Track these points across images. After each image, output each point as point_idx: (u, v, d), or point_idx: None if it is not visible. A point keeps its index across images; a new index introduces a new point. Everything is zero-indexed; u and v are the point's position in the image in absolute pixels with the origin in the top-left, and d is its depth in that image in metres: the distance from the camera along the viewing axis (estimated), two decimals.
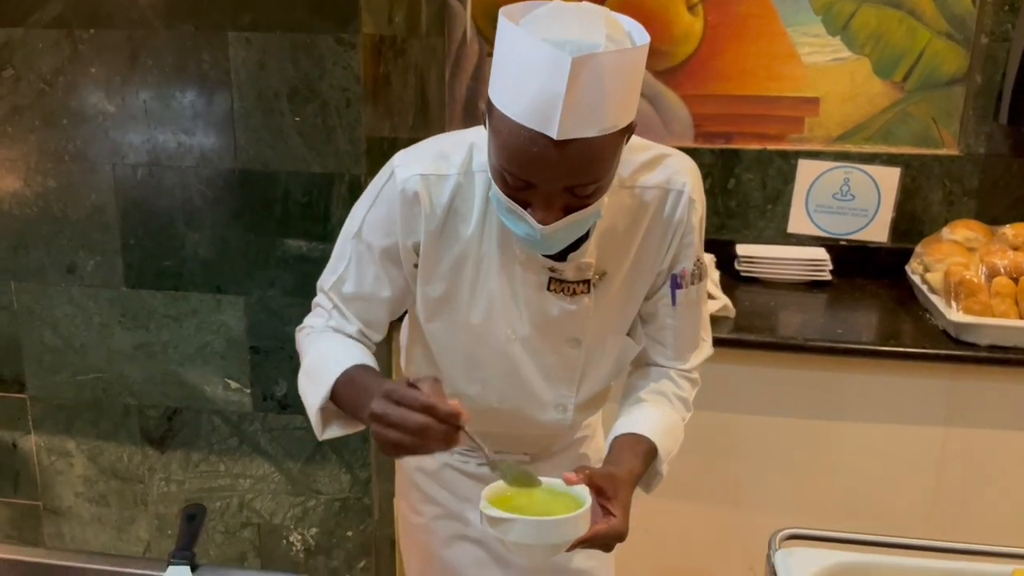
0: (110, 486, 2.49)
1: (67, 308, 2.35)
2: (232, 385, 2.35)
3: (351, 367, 1.19)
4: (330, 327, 1.29)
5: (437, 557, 1.45)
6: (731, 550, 2.40)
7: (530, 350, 1.27)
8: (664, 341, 1.35)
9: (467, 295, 1.24)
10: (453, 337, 1.29)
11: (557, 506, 1.05)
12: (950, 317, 2.18)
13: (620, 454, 1.22)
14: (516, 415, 1.36)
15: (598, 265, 1.22)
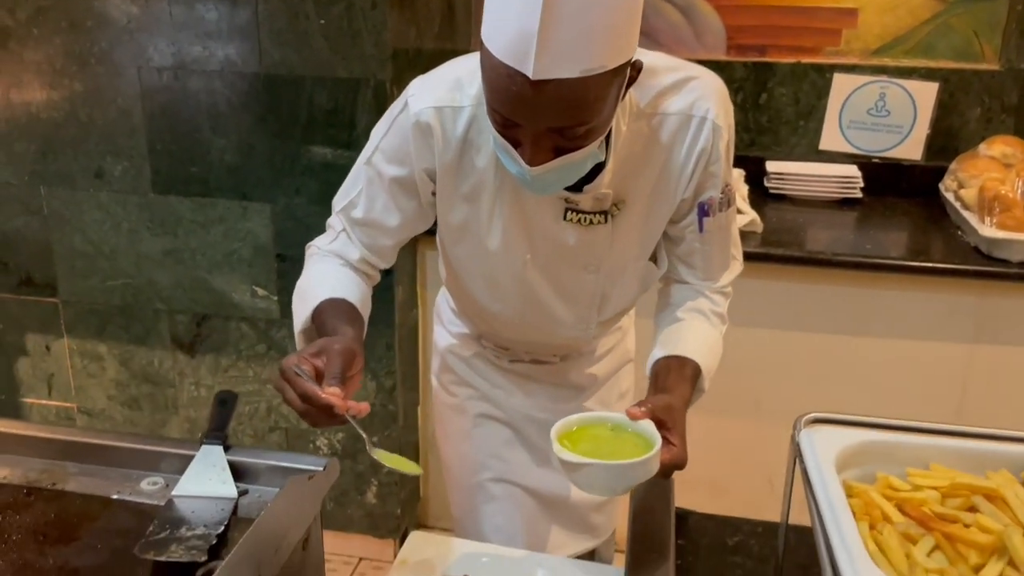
0: (141, 390, 2.55)
1: (96, 213, 2.37)
2: (259, 292, 2.37)
3: (327, 300, 1.20)
4: (333, 250, 1.29)
5: (469, 436, 1.49)
6: (750, 463, 2.42)
7: (547, 276, 1.27)
8: (694, 264, 1.33)
9: (484, 223, 1.23)
10: (473, 261, 1.29)
11: (623, 443, 1.05)
12: (982, 233, 2.15)
13: (668, 379, 1.21)
14: (539, 330, 1.37)
15: (616, 195, 1.19)
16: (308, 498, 1.15)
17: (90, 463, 1.24)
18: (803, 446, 0.90)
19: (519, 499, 1.47)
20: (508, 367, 1.47)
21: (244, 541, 0.98)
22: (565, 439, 1.03)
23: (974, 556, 0.76)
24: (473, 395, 1.51)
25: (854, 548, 0.74)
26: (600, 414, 1.10)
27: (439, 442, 1.60)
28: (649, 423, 1.05)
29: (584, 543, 1.49)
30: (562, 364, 1.46)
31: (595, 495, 1.04)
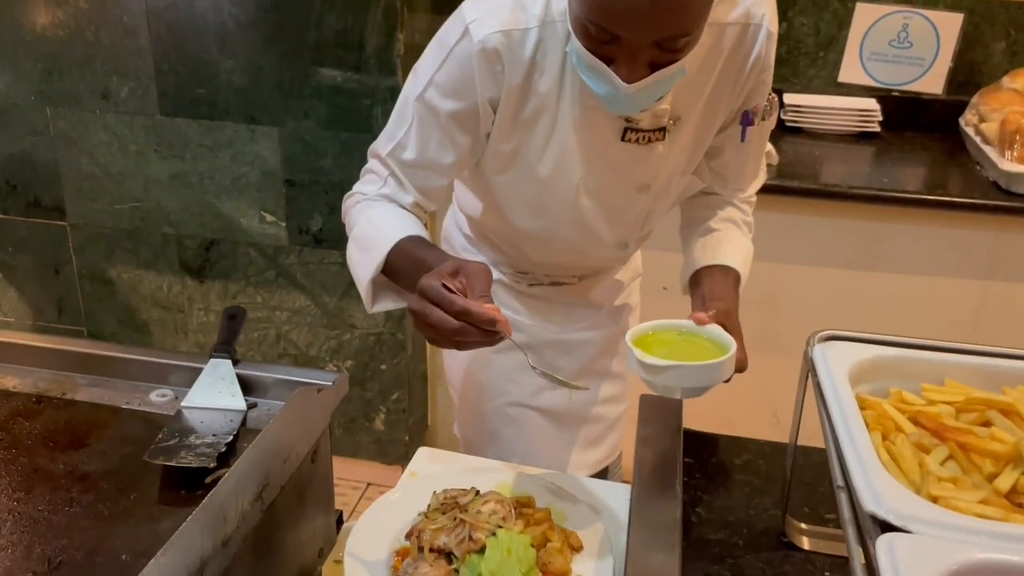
0: (151, 315, 2.55)
1: (103, 135, 2.35)
2: (268, 218, 2.36)
3: (405, 238, 1.14)
4: (384, 195, 1.22)
5: (487, 362, 1.48)
6: (757, 398, 2.43)
7: (598, 199, 1.24)
8: (727, 175, 1.32)
9: (538, 148, 1.19)
10: (519, 189, 1.25)
11: (697, 348, 1.06)
12: (1002, 167, 2.11)
13: (717, 287, 1.22)
14: (577, 252, 1.36)
15: (673, 109, 1.17)
16: (317, 410, 1.15)
17: (99, 375, 1.24)
18: (816, 360, 0.89)
19: (536, 422, 1.47)
20: (526, 291, 1.46)
21: (252, 448, 0.98)
22: (639, 345, 1.04)
23: (989, 465, 0.75)
24: None
25: (867, 457, 0.74)
26: (667, 321, 1.10)
27: (450, 369, 1.58)
28: (717, 327, 1.07)
29: (596, 463, 1.51)
30: (580, 284, 1.46)
31: (673, 397, 1.05)
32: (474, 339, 0.96)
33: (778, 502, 1.10)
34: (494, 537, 1.00)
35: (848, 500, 0.73)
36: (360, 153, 2.25)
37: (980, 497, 0.71)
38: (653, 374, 1.01)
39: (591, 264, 1.43)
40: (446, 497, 1.11)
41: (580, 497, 1.13)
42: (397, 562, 1.04)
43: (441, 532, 1.03)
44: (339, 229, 2.41)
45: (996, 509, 0.70)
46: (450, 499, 1.10)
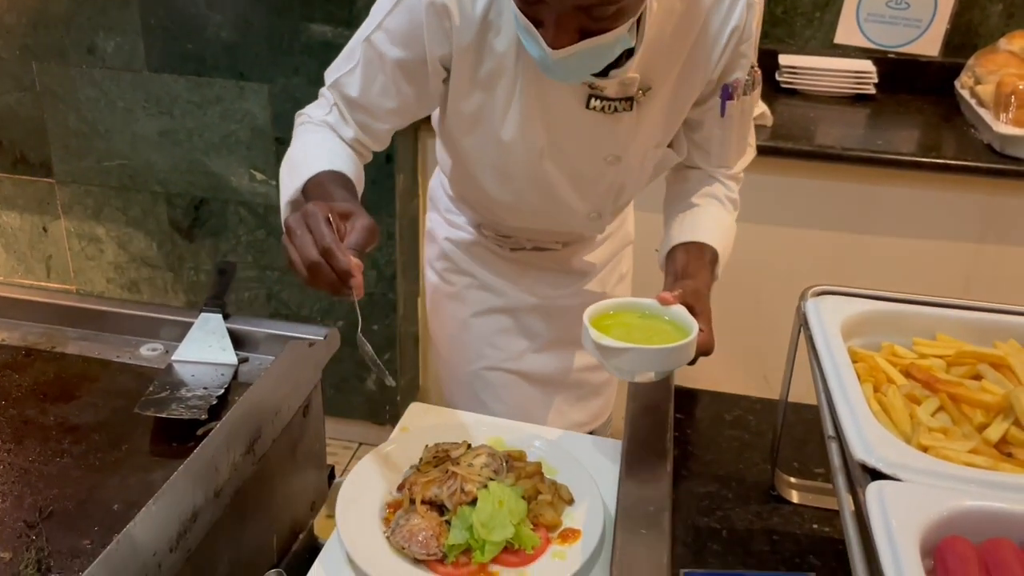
0: (141, 273, 2.54)
1: (90, 91, 2.31)
2: (258, 176, 2.34)
3: (325, 171, 1.13)
4: (327, 122, 1.20)
5: (466, 325, 1.47)
6: (748, 360, 2.43)
7: (564, 167, 1.22)
8: (710, 149, 1.29)
9: (499, 111, 1.16)
10: (483, 152, 1.23)
11: (655, 329, 1.04)
12: (996, 130, 2.10)
13: (690, 265, 1.19)
14: (550, 220, 1.34)
15: (643, 79, 1.13)
16: (308, 364, 1.15)
17: (89, 328, 1.24)
18: (809, 314, 0.89)
19: (516, 386, 1.46)
20: (509, 255, 1.44)
21: (243, 400, 0.98)
22: (596, 325, 1.01)
23: (979, 416, 0.76)
24: (472, 284, 1.47)
25: (858, 408, 0.74)
26: (630, 300, 1.08)
27: (434, 331, 1.57)
28: (681, 308, 1.04)
29: (578, 426, 1.50)
30: (564, 250, 1.44)
31: (629, 380, 1.04)
32: (323, 281, 0.94)
33: (767, 457, 1.11)
34: (485, 489, 1.01)
35: (839, 450, 0.73)
36: None
37: (969, 447, 0.72)
38: (608, 356, 0.99)
39: (568, 232, 1.41)
40: (438, 450, 1.11)
41: (571, 451, 1.13)
42: (389, 514, 1.04)
43: (433, 484, 1.04)
44: None
45: (985, 458, 0.70)
46: (442, 452, 1.10)
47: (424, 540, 0.98)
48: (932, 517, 0.63)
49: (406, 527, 0.99)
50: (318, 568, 0.98)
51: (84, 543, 0.85)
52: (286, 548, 1.11)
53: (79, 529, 0.87)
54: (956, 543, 0.63)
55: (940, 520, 0.63)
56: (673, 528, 0.95)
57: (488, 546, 0.96)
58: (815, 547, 0.97)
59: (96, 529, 0.86)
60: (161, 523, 0.81)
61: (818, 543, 0.98)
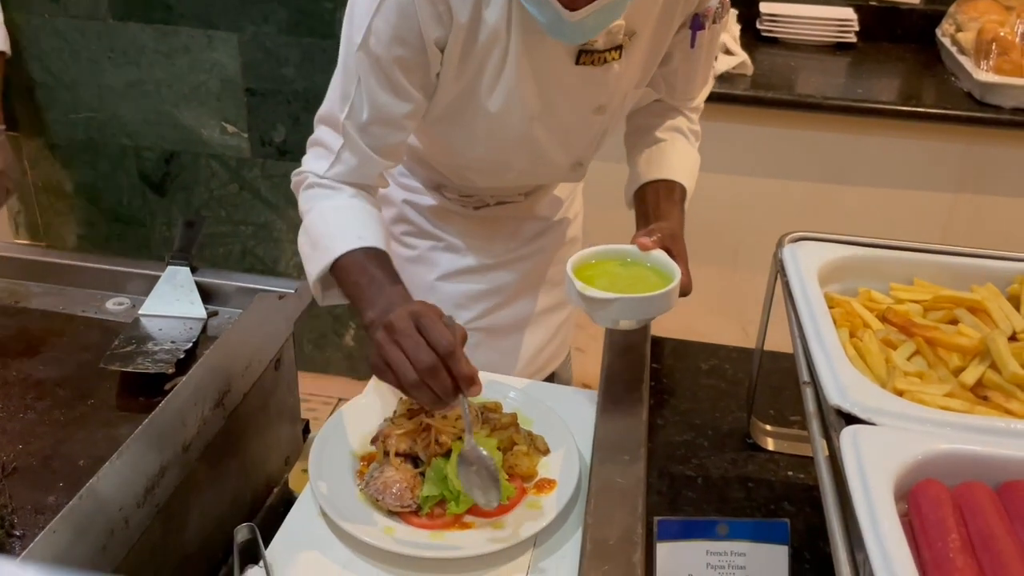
0: (112, 229, 2.49)
1: (53, 41, 2.24)
2: (229, 129, 2.29)
3: (358, 249, 1.06)
4: (337, 177, 1.12)
5: (432, 288, 1.44)
6: (726, 312, 2.44)
7: (552, 127, 1.18)
8: (675, 83, 1.26)
9: (488, 83, 1.11)
10: (469, 126, 1.17)
11: (640, 278, 1.03)
12: (977, 77, 2.08)
13: (661, 206, 1.17)
14: (532, 176, 1.31)
15: (628, 25, 1.09)
16: (279, 317, 1.13)
17: (54, 283, 1.21)
18: (786, 260, 0.88)
19: (485, 343, 1.44)
20: (472, 214, 1.41)
21: (211, 353, 0.96)
22: (579, 276, 1.00)
23: (955, 360, 0.75)
24: (436, 246, 1.43)
25: (833, 352, 0.73)
26: (610, 247, 1.07)
27: None
28: (662, 253, 1.04)
29: (543, 367, 1.50)
30: (527, 200, 1.42)
31: (617, 328, 1.03)
32: (437, 387, 0.88)
33: (743, 405, 1.10)
34: (460, 441, 1.00)
35: (814, 395, 0.72)
36: (323, 60, 2.19)
37: (945, 391, 0.71)
38: (595, 307, 0.98)
39: (541, 183, 1.39)
40: (412, 403, 1.10)
41: (547, 402, 1.12)
42: (363, 467, 1.03)
43: (407, 437, 1.02)
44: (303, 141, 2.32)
45: (960, 402, 0.70)
46: (416, 405, 1.09)
47: (398, 492, 0.97)
48: (906, 461, 0.63)
49: (380, 479, 0.98)
50: (291, 522, 0.97)
51: (49, 499, 0.83)
52: (260, 502, 1.10)
53: (44, 485, 0.85)
54: (930, 486, 0.62)
55: (914, 464, 0.63)
56: (648, 476, 0.95)
57: (463, 497, 0.95)
58: (790, 494, 0.97)
59: (61, 485, 0.85)
60: (126, 478, 0.79)
61: (793, 490, 0.98)
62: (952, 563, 0.56)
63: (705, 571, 0.77)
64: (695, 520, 0.77)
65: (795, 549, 0.85)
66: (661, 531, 0.77)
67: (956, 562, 0.56)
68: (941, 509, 0.60)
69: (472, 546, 0.91)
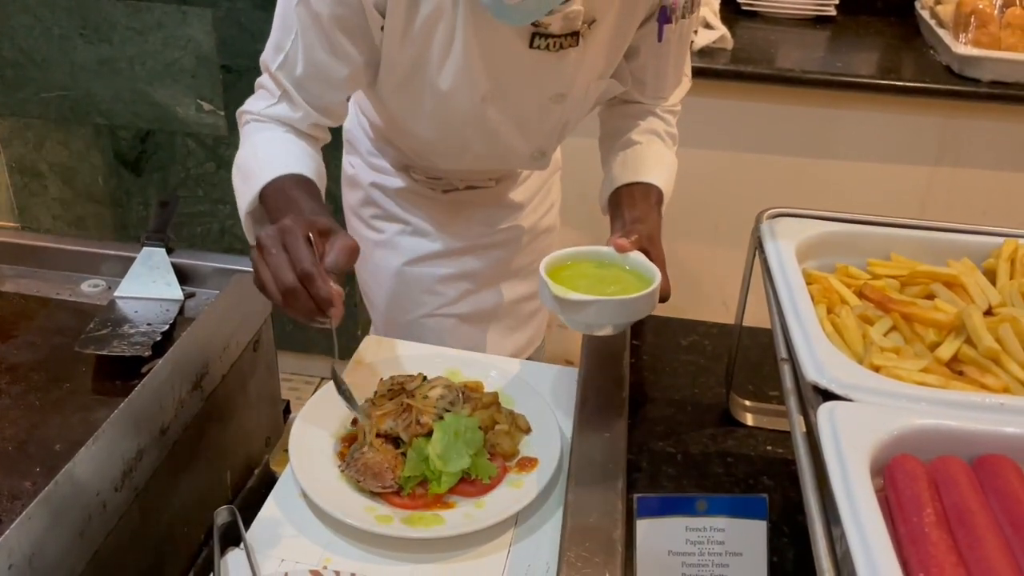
0: (87, 209, 2.46)
1: (23, 17, 2.20)
2: (205, 107, 2.26)
3: (284, 175, 1.04)
4: (273, 115, 1.11)
5: (400, 274, 1.42)
6: (707, 287, 2.45)
7: (506, 111, 1.16)
8: (645, 79, 1.23)
9: (438, 59, 1.08)
10: (419, 103, 1.15)
11: (617, 280, 0.99)
12: (955, 50, 2.09)
13: (638, 208, 1.14)
14: (492, 162, 1.29)
15: (587, 11, 1.06)
16: (257, 298, 1.10)
17: (27, 265, 1.19)
18: (764, 236, 0.88)
19: (456, 329, 1.42)
20: (441, 197, 1.38)
21: (187, 335, 0.95)
22: (554, 278, 0.96)
23: (931, 335, 0.76)
24: (404, 230, 1.40)
25: (810, 329, 0.73)
26: (586, 249, 1.02)
27: (364, 281, 1.49)
28: (640, 255, 1.00)
29: (517, 351, 1.49)
30: (498, 187, 1.39)
31: (591, 333, 0.99)
32: (300, 308, 0.86)
33: (723, 380, 1.11)
34: (441, 421, 1.00)
35: (791, 372, 0.73)
36: None
37: (921, 366, 0.72)
38: (570, 310, 0.92)
39: (505, 169, 1.37)
40: (393, 383, 1.09)
41: (529, 381, 1.12)
42: (344, 448, 1.03)
43: (388, 417, 1.02)
44: None
45: (937, 377, 0.70)
46: (397, 385, 1.09)
47: (379, 473, 0.97)
48: (882, 436, 0.63)
49: (361, 460, 0.98)
50: (272, 503, 0.97)
51: (25, 484, 0.82)
52: (241, 484, 1.10)
53: (19, 470, 0.84)
54: (905, 461, 0.63)
55: (890, 439, 0.63)
56: (629, 453, 0.96)
57: (444, 477, 0.96)
58: (769, 468, 0.98)
59: (37, 470, 0.84)
60: (103, 462, 0.78)
61: (772, 464, 0.99)
62: (927, 537, 0.57)
63: (685, 547, 0.78)
64: (674, 497, 0.78)
65: (774, 523, 0.86)
66: (641, 508, 0.77)
67: (931, 536, 0.57)
68: (916, 484, 0.60)
69: (453, 526, 0.92)
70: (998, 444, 0.64)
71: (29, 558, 0.69)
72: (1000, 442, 0.64)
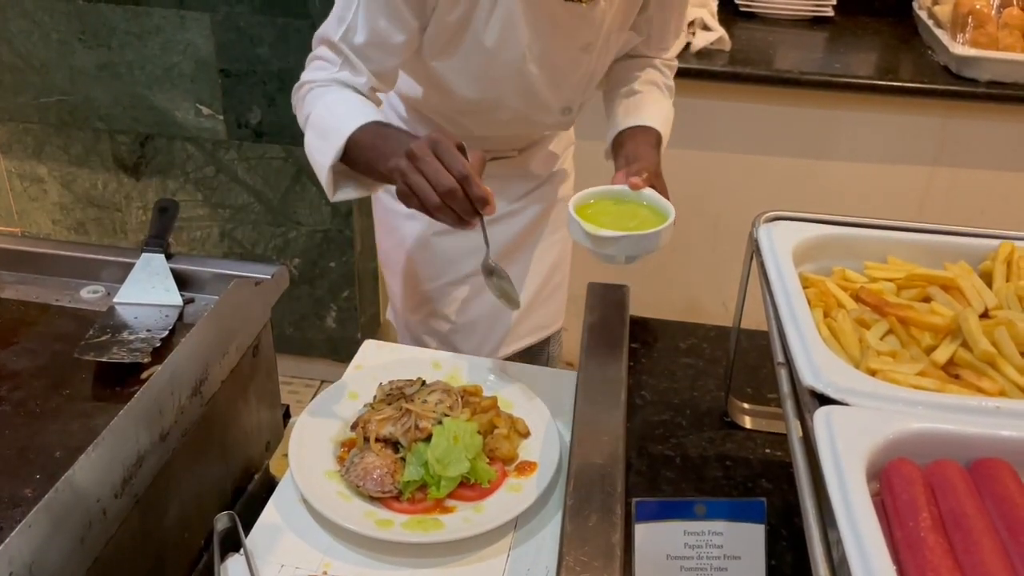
0: (87, 214, 2.46)
1: (21, 22, 2.20)
2: (204, 111, 2.26)
3: (369, 123, 1.09)
4: (338, 79, 1.16)
5: (427, 243, 1.45)
6: (707, 286, 2.45)
7: (543, 64, 1.22)
8: (651, 32, 1.32)
9: (484, 15, 1.15)
10: (466, 61, 1.21)
11: (636, 212, 1.08)
12: (953, 51, 2.09)
13: (640, 148, 1.23)
14: (524, 121, 1.33)
15: None
16: (256, 303, 1.12)
17: (27, 272, 1.19)
18: (761, 240, 0.88)
19: (478, 297, 1.46)
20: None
21: (187, 341, 0.95)
22: (580, 215, 1.05)
23: (927, 338, 0.76)
24: None
25: (807, 333, 0.73)
26: (605, 188, 1.11)
27: (387, 251, 1.54)
28: (652, 191, 1.09)
29: (539, 328, 1.51)
30: (520, 156, 1.44)
31: (616, 264, 1.07)
32: (458, 208, 0.94)
33: (721, 384, 1.11)
34: (440, 426, 1.00)
35: (788, 376, 0.73)
36: (299, 40, 2.16)
37: (917, 369, 0.72)
38: (600, 245, 1.02)
39: (533, 133, 1.42)
40: (392, 388, 1.10)
41: (528, 384, 1.13)
42: (343, 453, 1.03)
43: (387, 422, 1.03)
44: (280, 122, 2.33)
45: (933, 380, 0.71)
46: (396, 390, 1.09)
47: (379, 477, 0.97)
48: (878, 440, 0.63)
49: (360, 465, 0.98)
50: (271, 509, 0.97)
51: (25, 491, 0.82)
52: (241, 489, 1.10)
53: (20, 477, 0.84)
54: (901, 465, 0.63)
55: (886, 443, 0.64)
56: (627, 457, 0.96)
57: (444, 481, 0.96)
58: (767, 471, 0.98)
59: (38, 477, 0.84)
60: (103, 469, 0.79)
61: (770, 467, 0.99)
62: (923, 541, 0.57)
63: (683, 550, 0.78)
64: (673, 501, 0.78)
65: (772, 526, 0.86)
66: (639, 512, 0.77)
67: (927, 540, 0.57)
68: (912, 488, 0.60)
69: (453, 530, 0.92)
70: (994, 448, 0.64)
71: (29, 565, 0.69)
72: (996, 446, 0.64)
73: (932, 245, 0.90)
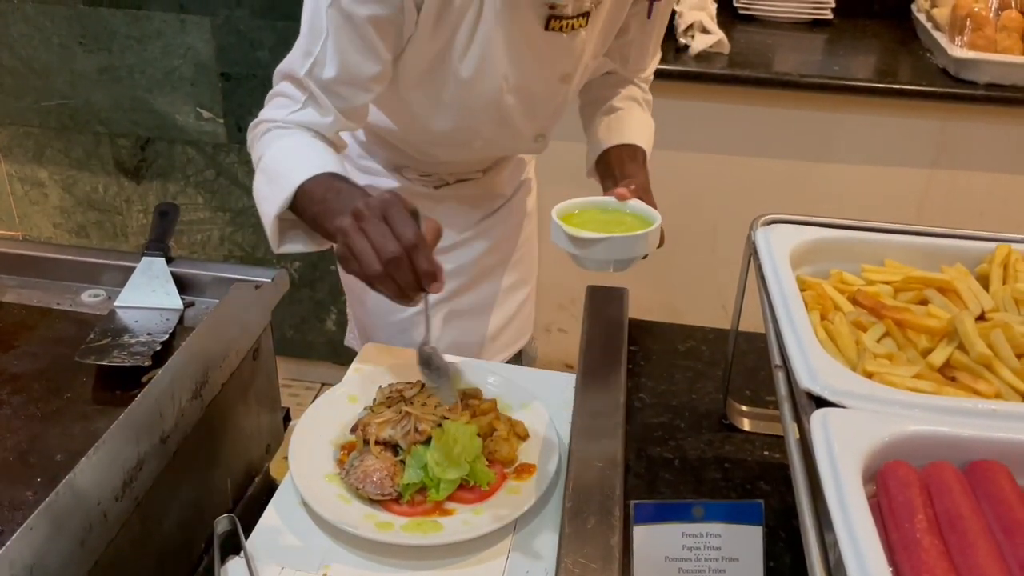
0: (88, 217, 2.47)
1: (22, 27, 2.21)
2: (204, 114, 2.26)
3: (323, 174, 1.01)
4: (298, 121, 1.08)
5: None
6: (706, 290, 2.45)
7: (521, 95, 1.19)
8: (629, 55, 1.30)
9: (462, 46, 1.10)
10: (440, 93, 1.16)
11: (622, 223, 1.06)
12: (952, 53, 2.09)
13: (628, 166, 1.21)
14: (496, 148, 1.32)
15: None
16: (256, 307, 1.12)
17: (28, 276, 1.20)
18: (758, 243, 0.88)
19: (449, 324, 1.43)
20: (433, 193, 1.40)
21: (187, 345, 0.96)
22: (565, 221, 1.04)
23: (924, 341, 0.76)
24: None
25: (804, 336, 0.74)
26: (590, 199, 1.10)
27: (352, 283, 1.48)
28: (639, 202, 1.08)
29: (507, 346, 1.51)
30: (485, 177, 1.42)
31: (602, 271, 1.04)
32: (400, 279, 0.85)
33: (720, 386, 1.11)
34: (439, 428, 1.00)
35: (785, 378, 0.73)
36: None
37: (914, 372, 0.72)
38: (583, 248, 1.00)
39: (504, 155, 1.40)
40: (391, 391, 1.10)
41: (527, 387, 1.13)
42: (343, 456, 1.03)
43: (387, 425, 1.03)
44: None
45: (929, 383, 0.71)
46: (395, 393, 1.09)
47: (379, 480, 0.97)
48: (874, 443, 0.64)
49: (360, 468, 0.98)
50: (272, 511, 0.97)
51: (26, 494, 0.83)
52: (241, 492, 1.10)
53: (21, 480, 0.85)
54: (898, 468, 0.63)
55: (882, 446, 0.64)
56: (626, 459, 0.96)
57: (443, 484, 0.96)
58: (765, 473, 0.99)
59: (38, 480, 0.85)
60: (104, 472, 0.79)
61: (768, 469, 0.99)
62: (919, 543, 0.57)
63: (681, 552, 0.78)
64: (671, 503, 0.78)
65: (770, 528, 0.86)
66: (638, 514, 0.77)
67: (923, 542, 0.57)
68: (908, 490, 0.61)
69: (452, 532, 0.92)
70: (990, 450, 0.65)
71: (30, 568, 0.70)
72: (992, 448, 0.65)
73: (929, 248, 0.90)
